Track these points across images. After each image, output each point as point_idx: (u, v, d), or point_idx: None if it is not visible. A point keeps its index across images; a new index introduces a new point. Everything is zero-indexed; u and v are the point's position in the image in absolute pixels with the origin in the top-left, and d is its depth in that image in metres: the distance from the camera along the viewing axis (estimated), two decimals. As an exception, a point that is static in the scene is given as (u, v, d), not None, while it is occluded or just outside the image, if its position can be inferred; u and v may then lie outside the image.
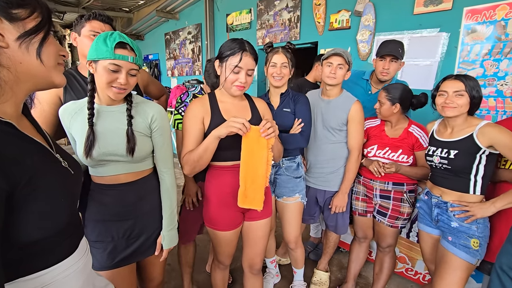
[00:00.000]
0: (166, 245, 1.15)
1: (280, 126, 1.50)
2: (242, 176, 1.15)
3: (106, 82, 0.93)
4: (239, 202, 1.18)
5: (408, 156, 1.56)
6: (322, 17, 2.97)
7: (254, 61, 1.17)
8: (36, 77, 0.58)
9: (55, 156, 0.65)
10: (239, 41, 1.16)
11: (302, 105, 1.52)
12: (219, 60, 1.19)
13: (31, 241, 0.55)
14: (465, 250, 1.24)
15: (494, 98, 2.07)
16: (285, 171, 1.59)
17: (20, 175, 0.52)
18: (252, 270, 1.43)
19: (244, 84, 1.16)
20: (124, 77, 0.94)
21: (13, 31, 0.53)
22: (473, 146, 1.24)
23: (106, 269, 1.05)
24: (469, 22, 2.11)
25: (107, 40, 0.91)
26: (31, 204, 0.54)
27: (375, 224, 1.71)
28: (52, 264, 0.60)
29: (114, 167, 1.03)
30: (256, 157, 1.13)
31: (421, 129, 1.57)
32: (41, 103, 1.17)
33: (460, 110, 1.27)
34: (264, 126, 1.09)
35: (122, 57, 0.92)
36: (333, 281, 2.04)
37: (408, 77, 2.29)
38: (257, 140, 1.11)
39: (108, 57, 0.91)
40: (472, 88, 1.24)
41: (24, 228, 0.54)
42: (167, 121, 1.14)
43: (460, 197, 1.29)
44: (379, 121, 1.72)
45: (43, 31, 0.57)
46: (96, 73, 0.94)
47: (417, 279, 1.94)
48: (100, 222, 1.04)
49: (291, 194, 1.61)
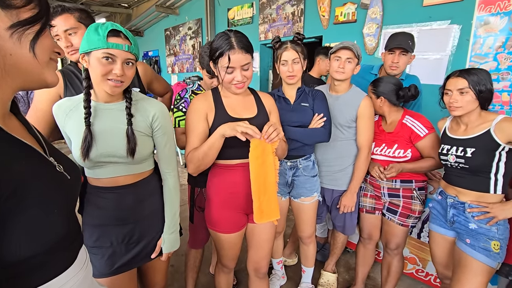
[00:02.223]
0: (166, 249, 1.09)
1: (299, 121, 1.47)
2: (255, 191, 1.09)
3: (101, 75, 0.87)
4: (256, 219, 1.13)
5: (404, 150, 1.50)
6: (327, 10, 2.89)
7: (246, 54, 1.07)
8: (27, 73, 0.52)
9: (48, 160, 0.58)
10: (225, 37, 1.06)
11: (321, 101, 1.50)
12: (212, 61, 1.13)
13: (20, 258, 0.48)
14: (485, 253, 1.18)
15: (508, 92, 1.99)
16: (303, 172, 1.54)
17: (5, 184, 0.45)
18: (257, 273, 1.37)
19: (242, 81, 1.10)
20: (120, 67, 0.88)
21: (5, 19, 0.47)
22: (492, 143, 1.17)
23: (105, 276, 0.99)
24: (482, 13, 2.03)
25: (99, 29, 0.85)
26: (18, 217, 0.47)
27: (384, 223, 1.64)
28: (48, 280, 0.54)
29: (113, 169, 0.96)
30: (265, 166, 1.08)
31: (415, 118, 1.51)
32: (40, 101, 1.11)
33: (467, 108, 1.21)
34: (267, 132, 1.03)
35: (116, 46, 0.86)
36: (341, 283, 1.99)
37: (417, 72, 2.21)
38: (262, 149, 1.06)
39: (101, 46, 0.84)
40: (477, 83, 1.18)
41: (12, 243, 0.47)
42: (169, 119, 1.07)
43: (479, 197, 1.22)
44: (377, 117, 1.67)
45: (39, 23, 0.51)
46: (90, 66, 0.88)
47: (428, 280, 1.88)
48: (97, 227, 0.98)
49: (309, 194, 1.57)
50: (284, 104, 1.49)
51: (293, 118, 1.46)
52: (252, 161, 1.06)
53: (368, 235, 1.71)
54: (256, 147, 1.05)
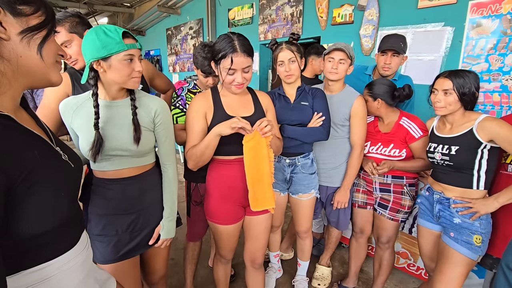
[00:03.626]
0: (164, 235, 1.16)
1: (298, 120, 1.51)
2: (249, 180, 1.17)
3: (127, 75, 0.95)
4: (252, 207, 1.21)
5: (400, 150, 1.56)
6: (325, 12, 2.94)
7: (248, 58, 1.13)
8: (35, 73, 0.58)
9: (55, 149, 0.65)
10: (228, 40, 1.11)
11: (321, 100, 1.52)
12: (214, 61, 1.18)
13: (32, 235, 0.55)
14: (467, 246, 1.24)
15: (499, 93, 2.04)
16: (301, 169, 1.58)
17: (19, 169, 0.51)
18: (254, 264, 1.44)
19: (242, 82, 1.16)
20: (139, 64, 0.97)
21: (16, 26, 0.54)
22: (474, 141, 1.23)
23: (110, 263, 1.06)
24: (474, 16, 2.08)
25: (110, 33, 0.90)
26: (31, 198, 0.54)
27: (375, 217, 1.71)
28: (54, 256, 0.61)
29: (118, 162, 1.03)
30: (259, 157, 1.15)
31: (411, 120, 1.56)
32: (49, 99, 1.17)
33: (449, 108, 1.28)
34: (260, 126, 1.10)
35: (132, 46, 0.94)
36: (335, 276, 2.05)
37: (412, 72, 2.26)
38: (256, 141, 1.12)
39: (122, 49, 0.91)
40: (462, 86, 1.23)
41: (25, 222, 0.54)
42: (169, 115, 1.15)
43: (463, 193, 1.29)
44: (372, 118, 1.72)
45: (46, 29, 0.58)
46: (110, 69, 0.93)
47: (419, 274, 1.94)
48: (104, 216, 1.05)
49: (307, 190, 1.62)
50: (284, 102, 1.54)
51: (293, 117, 1.50)
52: (245, 153, 1.14)
53: (360, 229, 1.77)
54: (249, 140, 1.12)
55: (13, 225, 0.52)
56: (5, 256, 0.50)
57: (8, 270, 0.54)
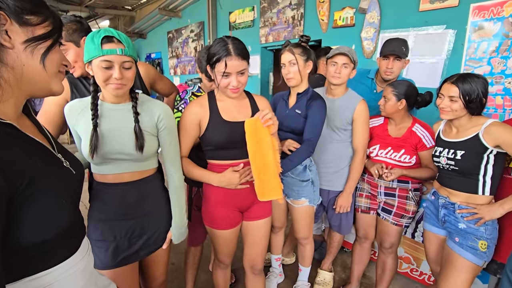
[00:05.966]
0: (176, 240, 1.18)
1: (288, 127, 1.49)
2: (254, 169, 1.15)
3: (102, 80, 0.93)
4: (259, 197, 1.18)
5: (411, 156, 1.54)
6: (326, 15, 2.94)
7: (242, 61, 1.12)
8: (36, 82, 0.58)
9: (56, 156, 0.64)
10: (222, 43, 1.10)
11: (315, 110, 1.43)
12: (209, 65, 1.18)
13: (33, 243, 0.55)
14: (472, 252, 1.22)
15: (502, 96, 2.03)
16: (290, 173, 1.56)
17: (21, 177, 0.51)
18: (253, 270, 1.42)
19: (237, 86, 1.15)
20: (118, 72, 0.93)
21: (21, 35, 0.54)
22: (480, 146, 1.21)
23: (109, 268, 1.04)
24: (476, 18, 2.07)
25: (94, 38, 0.91)
26: (32, 206, 0.53)
27: (379, 222, 1.69)
28: (55, 264, 0.60)
29: (119, 166, 1.02)
30: (262, 146, 1.13)
31: (424, 128, 1.54)
32: (48, 104, 1.18)
33: (455, 114, 1.26)
34: (262, 112, 1.11)
35: (110, 51, 0.91)
36: (337, 281, 2.03)
37: (413, 75, 2.26)
38: (259, 130, 1.11)
39: (97, 54, 0.90)
40: (469, 93, 1.21)
41: (26, 230, 0.53)
42: (173, 119, 1.13)
43: (468, 198, 1.27)
44: (382, 120, 1.69)
45: (51, 39, 0.58)
46: (93, 73, 0.95)
47: (422, 279, 1.92)
48: (102, 221, 1.04)
49: (297, 197, 1.58)
50: (283, 107, 1.53)
51: (285, 123, 1.49)
52: (248, 140, 1.12)
53: (363, 234, 1.75)
54: (249, 126, 1.11)
55: (14, 233, 0.52)
56: (6, 264, 0.50)
57: (9, 278, 0.53)
